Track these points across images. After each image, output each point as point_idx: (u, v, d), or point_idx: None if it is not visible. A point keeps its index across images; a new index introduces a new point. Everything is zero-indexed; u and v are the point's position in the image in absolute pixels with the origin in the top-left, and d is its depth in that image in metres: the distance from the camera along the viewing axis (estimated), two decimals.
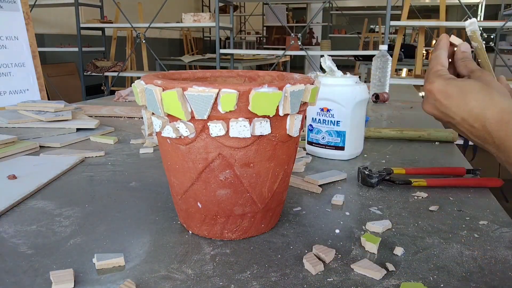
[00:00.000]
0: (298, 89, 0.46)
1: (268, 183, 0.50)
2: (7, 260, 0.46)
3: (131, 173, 0.77)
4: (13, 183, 0.69)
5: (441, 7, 3.09)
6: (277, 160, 0.49)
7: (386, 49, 1.68)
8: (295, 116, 0.48)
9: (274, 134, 0.47)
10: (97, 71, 3.93)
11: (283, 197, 0.55)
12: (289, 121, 0.48)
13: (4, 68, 1.31)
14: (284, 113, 0.46)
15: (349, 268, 0.45)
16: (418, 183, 0.69)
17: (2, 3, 1.32)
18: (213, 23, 3.41)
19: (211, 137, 0.45)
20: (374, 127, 1.05)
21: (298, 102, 0.47)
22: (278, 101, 0.45)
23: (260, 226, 0.53)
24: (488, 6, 6.34)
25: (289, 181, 0.56)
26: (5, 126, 1.06)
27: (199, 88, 0.43)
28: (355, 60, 5.61)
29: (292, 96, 0.46)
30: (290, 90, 0.46)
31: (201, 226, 0.51)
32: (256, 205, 0.50)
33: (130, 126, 1.18)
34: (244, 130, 0.45)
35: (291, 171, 0.55)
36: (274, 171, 0.50)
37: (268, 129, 0.46)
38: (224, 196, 0.49)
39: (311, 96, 0.49)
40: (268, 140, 0.47)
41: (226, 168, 0.47)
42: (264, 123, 0.45)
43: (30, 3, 3.52)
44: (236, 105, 0.43)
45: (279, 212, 0.56)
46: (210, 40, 8.21)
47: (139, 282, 0.42)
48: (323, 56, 0.87)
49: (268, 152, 0.48)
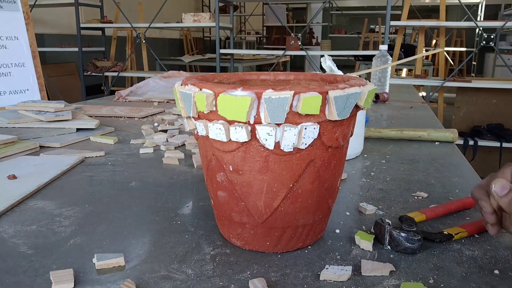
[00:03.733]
0: (279, 96, 0.40)
1: (264, 197, 0.45)
2: (7, 260, 0.46)
3: (131, 173, 0.77)
4: (13, 183, 0.69)
5: (441, 7, 3.09)
6: (273, 174, 0.44)
7: (386, 49, 1.68)
8: (284, 127, 0.41)
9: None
10: (97, 71, 3.93)
11: (299, 220, 0.47)
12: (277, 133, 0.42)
13: (4, 68, 1.31)
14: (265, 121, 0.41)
15: (350, 268, 0.45)
16: (460, 235, 0.53)
17: (2, 3, 1.32)
18: (213, 23, 3.41)
19: (205, 136, 0.46)
20: (374, 127, 1.05)
21: (280, 110, 0.40)
22: (247, 106, 0.40)
23: (265, 243, 0.48)
24: (488, 6, 6.34)
25: (313, 206, 0.47)
26: (5, 126, 1.06)
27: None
28: (355, 60, 5.62)
29: (269, 103, 0.40)
30: (266, 97, 0.40)
31: (218, 221, 0.53)
32: (253, 218, 0.47)
33: (130, 126, 1.18)
34: (220, 134, 0.43)
35: (318, 196, 0.46)
36: (270, 185, 0.44)
37: (244, 137, 0.42)
38: (223, 198, 0.48)
39: (303, 105, 0.41)
40: (256, 149, 0.43)
41: (220, 170, 0.46)
42: (240, 129, 0.41)
43: (30, 3, 3.52)
44: (208, 106, 0.42)
45: (300, 236, 0.48)
46: (210, 40, 8.20)
47: (139, 282, 0.42)
48: (323, 56, 0.87)
49: (258, 162, 0.43)
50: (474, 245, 0.50)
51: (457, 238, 0.52)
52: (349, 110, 0.43)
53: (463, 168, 0.81)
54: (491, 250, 0.49)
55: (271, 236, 0.48)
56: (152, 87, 1.76)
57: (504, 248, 0.50)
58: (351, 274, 0.44)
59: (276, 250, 0.48)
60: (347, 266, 0.45)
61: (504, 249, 0.49)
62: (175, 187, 0.70)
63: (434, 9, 7.52)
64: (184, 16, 3.60)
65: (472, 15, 2.98)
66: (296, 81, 0.60)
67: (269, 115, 0.40)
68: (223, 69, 4.34)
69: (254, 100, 0.40)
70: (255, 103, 0.40)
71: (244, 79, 0.59)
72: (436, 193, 0.67)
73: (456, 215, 0.60)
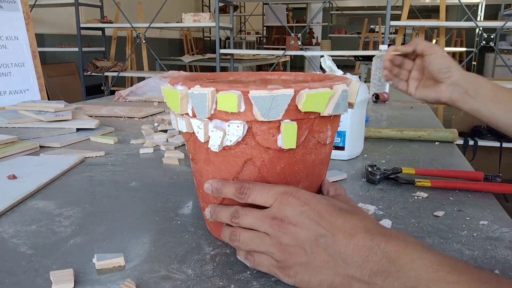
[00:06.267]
0: (199, 92, 0.42)
1: None
2: (7, 260, 0.46)
3: (131, 173, 0.77)
4: (13, 183, 0.69)
5: (441, 7, 3.09)
6: (214, 166, 0.46)
7: (386, 49, 1.68)
8: (214, 122, 0.44)
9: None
10: (97, 71, 3.93)
11: None
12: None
13: (4, 68, 1.31)
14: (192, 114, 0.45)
15: None
16: (422, 184, 0.66)
17: (2, 3, 1.32)
18: (213, 23, 3.41)
19: None
20: (374, 127, 1.05)
21: (203, 105, 0.43)
22: (178, 99, 0.45)
23: (217, 229, 0.50)
24: (488, 6, 6.34)
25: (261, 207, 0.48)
26: (5, 126, 1.06)
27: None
28: (355, 60, 5.61)
29: (193, 98, 0.43)
30: (190, 92, 0.44)
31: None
32: (207, 206, 0.49)
33: (130, 126, 1.18)
34: (179, 124, 0.47)
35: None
36: (214, 177, 0.47)
37: (184, 128, 0.46)
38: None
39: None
40: (197, 140, 0.46)
41: (190, 155, 0.50)
42: (181, 120, 0.46)
43: (30, 3, 3.52)
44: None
45: None
46: (210, 40, 8.21)
47: (139, 282, 0.42)
48: (323, 56, 0.87)
49: (202, 153, 0.46)
50: (474, 245, 0.50)
51: (419, 185, 0.67)
52: (278, 112, 0.41)
53: (463, 168, 0.81)
54: (491, 250, 0.49)
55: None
56: (152, 87, 1.76)
57: (504, 248, 0.50)
58: None
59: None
60: None
61: (504, 249, 0.49)
62: (175, 187, 0.70)
63: (434, 9, 7.53)
64: (184, 16, 3.60)
65: (472, 15, 2.98)
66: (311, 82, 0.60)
67: (195, 109, 0.44)
68: (223, 69, 4.34)
69: (185, 94, 0.44)
70: (186, 97, 0.44)
71: (265, 78, 0.61)
72: (436, 193, 0.67)
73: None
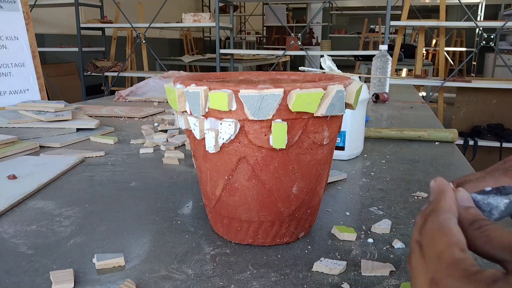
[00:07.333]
0: (193, 91, 0.44)
1: (209, 184, 0.49)
2: (7, 260, 0.46)
3: (131, 173, 0.77)
4: (13, 183, 0.69)
5: (441, 7, 3.09)
6: (211, 163, 0.47)
7: (386, 49, 1.68)
8: (209, 120, 0.45)
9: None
10: (97, 71, 3.93)
11: (242, 215, 0.48)
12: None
13: (4, 68, 1.31)
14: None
15: (350, 268, 0.45)
16: None
17: (2, 3, 1.32)
18: (213, 23, 3.41)
19: None
20: (374, 127, 1.05)
21: (197, 103, 0.44)
22: (176, 97, 0.46)
23: (219, 228, 0.52)
24: (488, 6, 6.34)
25: (255, 204, 0.47)
26: (5, 126, 1.06)
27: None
28: (355, 60, 5.62)
29: (188, 96, 0.45)
30: (185, 90, 0.46)
31: None
32: (207, 200, 0.51)
33: (130, 126, 1.18)
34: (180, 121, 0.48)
35: (258, 195, 0.46)
36: (211, 173, 0.47)
37: (183, 124, 0.47)
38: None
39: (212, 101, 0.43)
40: (195, 137, 0.47)
41: (192, 152, 0.52)
42: (180, 117, 0.48)
43: (30, 3, 3.52)
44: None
45: (247, 232, 0.49)
46: (210, 40, 8.21)
47: (139, 282, 0.42)
48: (323, 56, 0.87)
49: (201, 150, 0.47)
50: None
51: None
52: (267, 111, 0.41)
53: (463, 168, 0.81)
54: None
55: (222, 223, 0.51)
56: (152, 87, 1.76)
57: None
58: (344, 268, 0.44)
59: (230, 238, 0.51)
60: (341, 261, 0.45)
61: None
62: (175, 187, 0.70)
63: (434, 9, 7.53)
64: (184, 16, 3.60)
65: (472, 15, 2.98)
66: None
67: (190, 107, 0.45)
68: (223, 69, 4.34)
69: (182, 92, 0.45)
70: (183, 95, 0.46)
71: (276, 78, 0.61)
72: None
73: None
